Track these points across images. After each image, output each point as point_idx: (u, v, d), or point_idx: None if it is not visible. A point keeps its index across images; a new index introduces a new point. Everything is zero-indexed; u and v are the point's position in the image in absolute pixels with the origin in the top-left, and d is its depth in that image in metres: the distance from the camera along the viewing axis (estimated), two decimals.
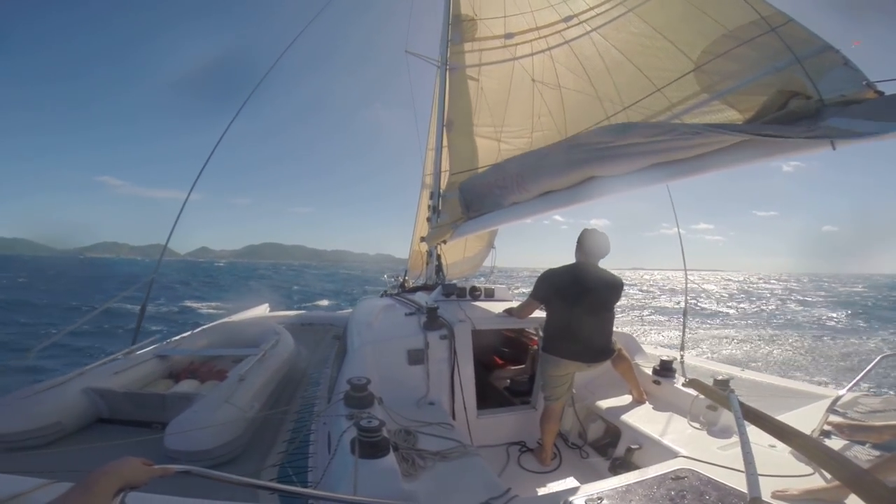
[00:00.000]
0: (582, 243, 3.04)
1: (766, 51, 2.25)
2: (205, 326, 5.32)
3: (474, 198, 3.98)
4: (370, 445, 1.81)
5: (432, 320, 3.28)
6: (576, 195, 2.97)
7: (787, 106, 2.15)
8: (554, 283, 3.08)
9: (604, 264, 3.09)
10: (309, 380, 4.56)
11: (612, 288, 3.02)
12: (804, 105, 2.09)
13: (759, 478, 1.48)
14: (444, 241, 4.92)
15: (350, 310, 6.29)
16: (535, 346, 3.71)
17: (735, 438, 2.45)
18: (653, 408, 3.05)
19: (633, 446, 2.70)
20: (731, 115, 2.56)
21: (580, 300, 2.93)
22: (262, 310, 7.47)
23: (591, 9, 3.48)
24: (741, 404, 1.51)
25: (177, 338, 4.74)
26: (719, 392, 1.80)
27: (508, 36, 4.42)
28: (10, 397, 3.08)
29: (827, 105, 2.04)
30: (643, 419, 2.89)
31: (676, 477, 1.90)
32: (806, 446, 1.46)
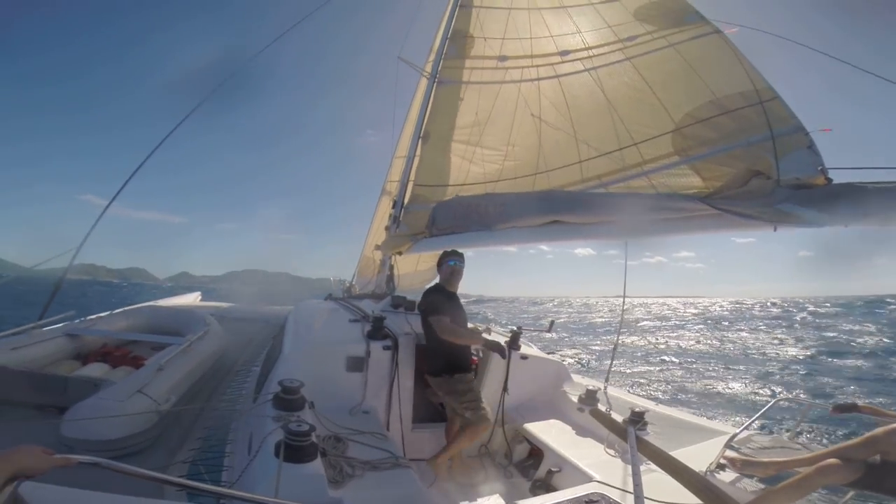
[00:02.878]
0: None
1: (745, 123, 2.43)
2: (126, 308, 4.85)
3: (446, 217, 3.95)
4: (298, 449, 1.76)
5: (377, 329, 3.26)
6: (540, 235, 3.14)
7: (748, 184, 2.35)
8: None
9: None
10: (234, 377, 4.28)
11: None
12: (762, 185, 2.30)
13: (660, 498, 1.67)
14: (400, 253, 4.86)
15: (289, 307, 6.02)
16: (475, 364, 3.78)
17: (645, 466, 2.67)
18: (575, 433, 3.21)
19: (553, 469, 2.83)
20: (694, 181, 2.75)
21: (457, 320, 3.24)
22: (194, 298, 7.00)
23: (589, 48, 3.60)
24: (637, 438, 1.61)
25: (92, 317, 4.28)
26: (619, 424, 1.92)
27: (502, 59, 4.48)
28: None
29: (781, 186, 2.24)
30: (565, 444, 3.03)
31: (589, 500, 2.00)
32: (690, 481, 1.56)
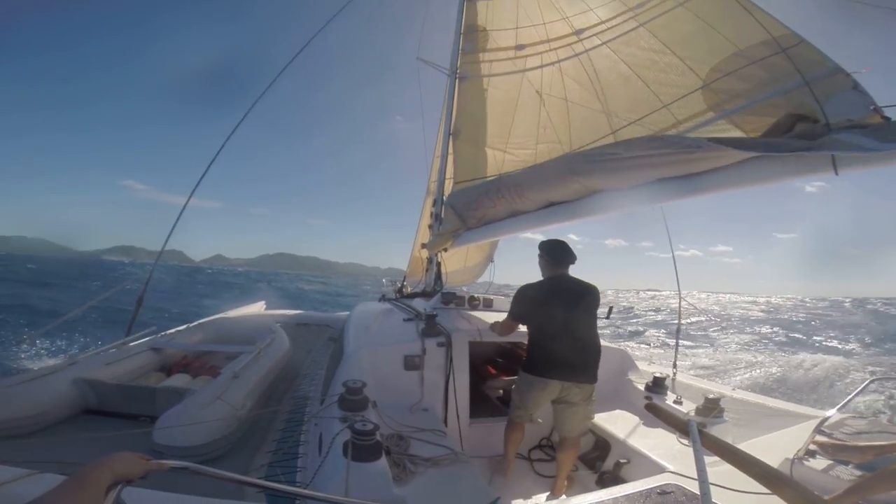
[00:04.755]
0: (549, 254, 3.00)
1: (776, 71, 2.24)
2: (201, 321, 5.33)
3: (462, 208, 3.97)
4: (364, 448, 1.80)
5: (430, 327, 3.28)
6: (577, 209, 2.93)
7: (793, 129, 2.16)
8: (530, 297, 2.98)
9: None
10: (302, 380, 4.55)
11: (589, 296, 2.90)
12: (810, 129, 2.09)
13: (732, 493, 1.65)
14: (445, 249, 4.93)
15: (347, 312, 6.29)
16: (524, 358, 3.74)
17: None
18: (643, 423, 3.10)
19: (621, 460, 2.75)
20: (737, 136, 2.56)
21: (559, 314, 2.80)
22: (259, 307, 7.51)
23: (603, 22, 3.48)
24: (701, 433, 1.50)
25: (172, 331, 4.75)
26: (679, 418, 1.79)
27: (519, 47, 4.44)
28: None
29: (833, 129, 2.03)
30: (633, 434, 2.94)
31: (663, 492, 1.93)
32: (762, 474, 1.43)
